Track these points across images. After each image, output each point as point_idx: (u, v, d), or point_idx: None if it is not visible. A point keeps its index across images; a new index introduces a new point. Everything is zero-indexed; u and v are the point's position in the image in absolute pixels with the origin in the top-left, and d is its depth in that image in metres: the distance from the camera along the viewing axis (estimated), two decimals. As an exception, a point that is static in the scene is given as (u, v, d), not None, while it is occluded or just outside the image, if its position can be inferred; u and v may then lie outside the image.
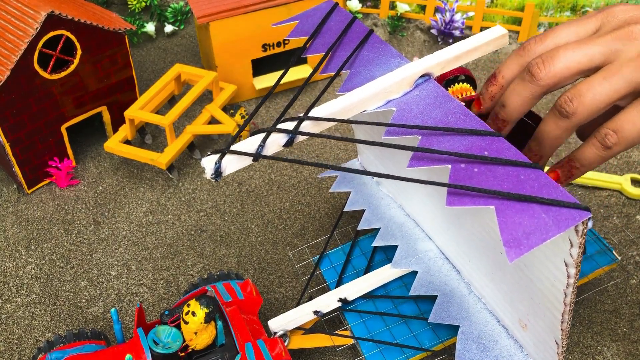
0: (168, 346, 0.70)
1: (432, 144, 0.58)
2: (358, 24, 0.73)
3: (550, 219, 0.51)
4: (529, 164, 0.55)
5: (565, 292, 0.59)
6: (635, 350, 0.80)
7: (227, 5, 1.10)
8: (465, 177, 0.55)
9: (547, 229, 0.50)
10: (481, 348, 0.70)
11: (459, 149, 0.57)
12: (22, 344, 0.85)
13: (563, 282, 0.58)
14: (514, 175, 0.54)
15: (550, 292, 0.61)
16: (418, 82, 0.65)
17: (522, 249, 0.50)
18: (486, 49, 0.69)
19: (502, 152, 0.57)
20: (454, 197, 0.54)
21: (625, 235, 0.93)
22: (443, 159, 0.57)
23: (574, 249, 0.55)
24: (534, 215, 0.51)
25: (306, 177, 1.06)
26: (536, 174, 0.55)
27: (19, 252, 0.97)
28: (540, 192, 0.53)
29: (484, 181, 0.54)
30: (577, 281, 0.58)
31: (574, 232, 0.53)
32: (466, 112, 0.61)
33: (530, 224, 0.51)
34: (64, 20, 0.95)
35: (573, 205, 0.51)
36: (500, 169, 0.55)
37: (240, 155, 0.58)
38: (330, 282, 0.84)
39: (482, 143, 0.58)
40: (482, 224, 0.67)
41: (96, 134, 1.15)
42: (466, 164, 0.56)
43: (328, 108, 0.62)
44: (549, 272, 0.60)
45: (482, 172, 0.55)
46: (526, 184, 0.54)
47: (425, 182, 0.55)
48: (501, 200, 0.52)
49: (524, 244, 0.50)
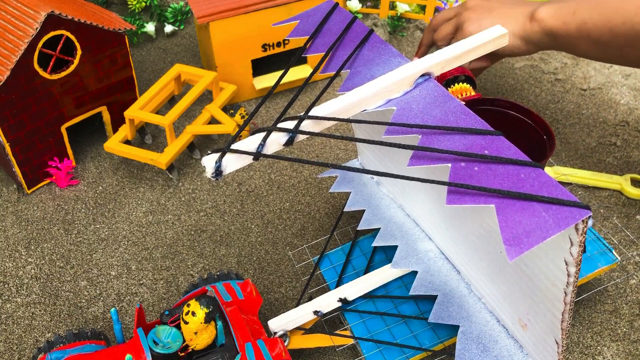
0: (168, 346, 0.70)
1: (432, 142, 0.58)
2: (358, 23, 0.73)
3: (551, 218, 0.51)
4: (530, 163, 0.55)
5: (565, 291, 0.59)
6: (635, 350, 0.80)
7: (227, 5, 1.10)
8: (465, 175, 0.55)
9: (547, 228, 0.50)
10: (481, 348, 0.70)
11: (459, 147, 0.57)
12: (22, 344, 0.85)
13: (563, 280, 0.58)
14: (514, 173, 0.54)
15: (550, 291, 0.61)
16: (418, 82, 0.66)
17: (522, 248, 0.50)
18: (486, 48, 0.69)
19: (502, 150, 0.57)
20: (454, 195, 0.54)
21: (625, 235, 0.93)
22: (443, 157, 0.57)
23: (574, 248, 0.55)
24: (534, 214, 0.51)
25: (306, 177, 1.06)
26: (536, 172, 0.55)
27: (19, 252, 0.97)
28: (541, 190, 0.53)
29: (484, 180, 0.54)
30: (577, 280, 0.58)
31: (574, 231, 0.53)
32: (466, 111, 0.61)
33: (531, 223, 0.51)
34: (64, 20, 0.95)
35: (573, 203, 0.51)
36: (501, 167, 0.55)
37: (240, 154, 0.58)
38: (330, 282, 0.84)
39: (482, 142, 0.58)
40: (482, 223, 0.67)
41: (96, 134, 1.15)
42: (466, 163, 0.56)
43: (328, 107, 0.62)
44: (549, 271, 0.60)
45: (482, 170, 0.55)
46: (526, 183, 0.54)
47: (426, 180, 0.55)
48: (501, 199, 0.53)
49: (524, 243, 0.50)
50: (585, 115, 1.14)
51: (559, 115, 1.15)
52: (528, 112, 0.84)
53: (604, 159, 1.06)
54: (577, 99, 1.18)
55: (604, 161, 1.05)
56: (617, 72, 1.23)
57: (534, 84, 1.22)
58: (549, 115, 1.15)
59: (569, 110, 1.16)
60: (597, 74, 1.23)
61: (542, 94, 1.19)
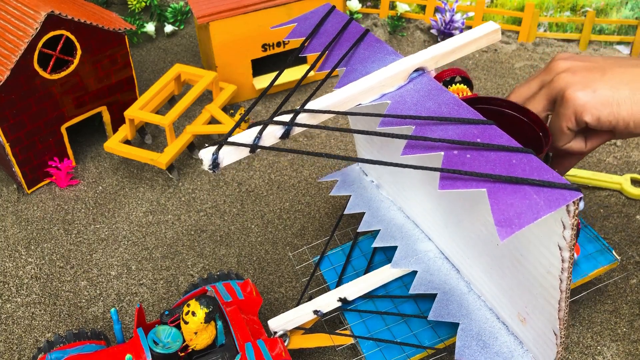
0: (168, 346, 0.70)
1: (425, 132, 0.59)
2: (354, 24, 0.74)
3: (542, 199, 0.52)
4: (521, 149, 0.56)
5: (560, 277, 0.59)
6: (635, 350, 0.80)
7: (227, 5, 1.10)
8: (458, 162, 0.56)
9: (538, 209, 0.51)
10: (481, 345, 0.70)
11: (452, 136, 0.58)
12: (22, 344, 0.85)
13: (558, 267, 0.59)
14: (505, 159, 0.55)
15: (546, 279, 0.62)
16: (412, 77, 0.66)
17: (513, 228, 0.50)
18: (479, 43, 0.70)
19: (494, 138, 0.57)
20: (446, 181, 0.55)
21: (625, 235, 0.93)
22: (436, 146, 0.58)
23: (566, 231, 0.55)
24: (525, 196, 0.52)
25: (306, 177, 1.06)
26: (527, 158, 0.55)
27: (19, 252, 0.97)
28: (532, 174, 0.54)
29: (477, 166, 0.55)
30: (572, 266, 0.58)
31: (565, 213, 0.54)
32: (459, 103, 0.62)
33: (522, 204, 0.52)
34: (64, 20, 0.95)
35: (564, 185, 0.52)
36: (492, 154, 0.56)
37: (237, 146, 0.58)
38: (330, 282, 0.84)
39: (475, 131, 0.58)
40: (480, 219, 0.68)
41: (96, 134, 1.15)
42: (459, 151, 0.57)
43: (324, 101, 0.63)
44: (544, 257, 0.60)
45: (474, 157, 0.56)
46: (518, 168, 0.54)
47: (419, 167, 0.56)
48: (493, 183, 0.53)
49: (515, 223, 0.51)
50: (585, 115, 1.14)
51: (559, 115, 1.15)
52: (523, 110, 0.84)
53: (604, 159, 1.06)
54: (577, 99, 1.18)
55: (603, 161, 1.05)
56: (617, 72, 1.23)
57: (534, 84, 1.22)
58: (549, 115, 1.15)
59: (569, 110, 1.16)
60: (597, 73, 1.23)
61: (542, 94, 1.19)
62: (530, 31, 1.30)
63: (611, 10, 1.26)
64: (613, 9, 1.26)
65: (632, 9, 1.25)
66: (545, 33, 1.31)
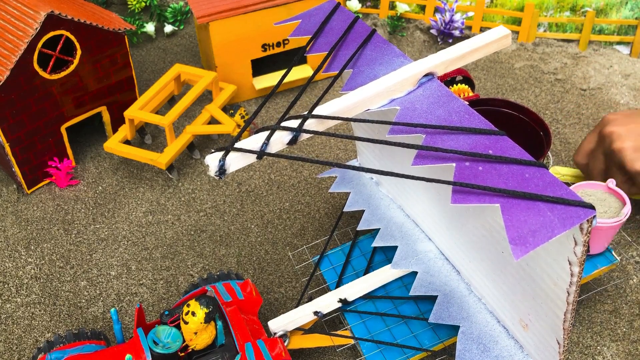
0: (168, 346, 0.70)
1: (436, 142, 0.58)
2: (361, 23, 0.73)
3: (556, 217, 0.51)
4: (534, 163, 0.55)
5: (568, 290, 0.59)
6: (635, 350, 0.80)
7: (227, 5, 1.10)
8: (470, 175, 0.55)
9: (552, 227, 0.51)
10: (481, 348, 0.70)
11: (463, 147, 0.57)
12: (22, 344, 0.85)
13: (566, 280, 0.58)
14: (518, 173, 0.55)
15: (552, 291, 0.61)
16: (422, 82, 0.66)
17: (527, 247, 0.50)
18: (489, 49, 0.69)
19: (506, 150, 0.57)
20: (459, 195, 0.54)
21: (625, 236, 0.93)
22: (447, 157, 0.57)
23: (578, 247, 0.55)
24: (539, 213, 0.51)
25: (306, 177, 1.06)
26: (541, 172, 0.55)
27: (18, 252, 0.97)
28: (545, 190, 0.53)
29: (489, 179, 0.54)
30: (581, 280, 0.58)
31: (578, 230, 0.53)
32: (470, 111, 0.61)
33: (536, 222, 0.51)
34: (64, 20, 0.95)
35: (578, 203, 0.52)
36: (505, 167, 0.55)
37: (244, 152, 0.58)
38: (330, 282, 0.84)
39: (487, 142, 0.58)
40: (483, 223, 0.67)
41: (96, 134, 1.15)
42: (471, 163, 0.56)
43: (331, 107, 0.62)
44: (553, 270, 0.60)
45: (486, 170, 0.55)
46: (531, 182, 0.54)
47: (431, 180, 0.55)
48: (506, 198, 0.53)
49: (529, 242, 0.50)
50: (585, 115, 1.14)
51: (558, 115, 1.15)
52: (524, 110, 0.85)
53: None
54: (577, 99, 1.18)
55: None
56: (616, 72, 1.23)
57: (534, 84, 1.22)
58: (549, 115, 1.15)
59: (569, 110, 1.16)
60: (597, 74, 1.23)
61: (542, 94, 1.19)
62: (530, 31, 1.29)
63: (611, 10, 1.26)
64: (613, 9, 1.26)
65: (632, 9, 1.25)
66: (545, 33, 1.31)
